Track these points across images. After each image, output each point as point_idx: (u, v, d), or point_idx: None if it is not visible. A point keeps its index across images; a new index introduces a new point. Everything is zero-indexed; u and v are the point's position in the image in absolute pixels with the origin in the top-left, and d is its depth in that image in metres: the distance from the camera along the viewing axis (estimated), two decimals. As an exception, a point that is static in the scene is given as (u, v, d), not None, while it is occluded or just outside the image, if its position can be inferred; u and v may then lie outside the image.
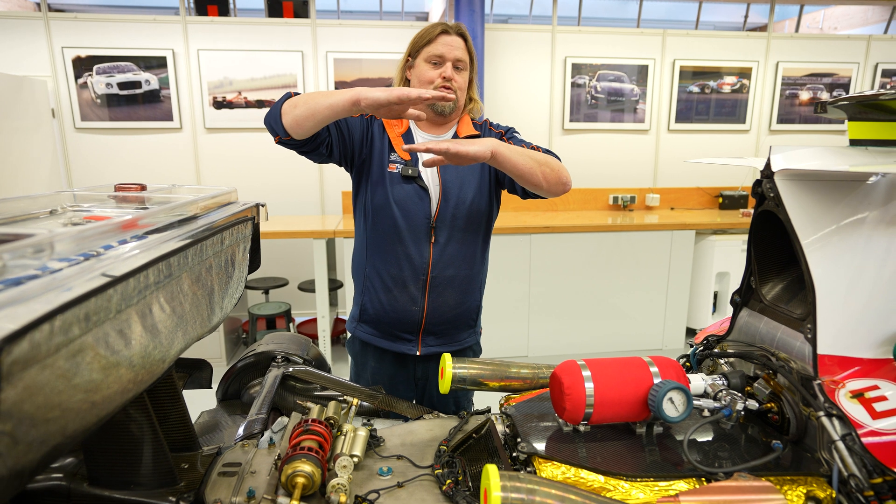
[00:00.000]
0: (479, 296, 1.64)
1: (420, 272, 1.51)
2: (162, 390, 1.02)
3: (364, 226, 1.57)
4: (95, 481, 0.89)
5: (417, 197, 1.49)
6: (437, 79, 1.47)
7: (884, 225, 1.05)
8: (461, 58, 1.48)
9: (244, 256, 1.21)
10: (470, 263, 1.56)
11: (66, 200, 1.08)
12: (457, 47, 1.47)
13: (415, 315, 1.54)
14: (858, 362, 1.02)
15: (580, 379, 1.01)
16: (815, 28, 8.26)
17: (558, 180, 1.36)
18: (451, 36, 1.48)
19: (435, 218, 1.50)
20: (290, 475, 0.88)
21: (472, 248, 1.56)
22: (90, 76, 4.09)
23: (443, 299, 1.54)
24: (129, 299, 0.68)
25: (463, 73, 1.51)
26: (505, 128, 1.61)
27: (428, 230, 1.50)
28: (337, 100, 1.19)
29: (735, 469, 0.91)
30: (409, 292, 1.53)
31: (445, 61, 1.47)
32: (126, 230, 0.81)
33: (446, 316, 1.56)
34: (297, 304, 4.37)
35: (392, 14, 5.01)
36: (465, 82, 1.52)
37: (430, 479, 0.99)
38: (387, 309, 1.55)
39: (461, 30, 1.50)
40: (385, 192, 1.50)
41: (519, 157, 1.28)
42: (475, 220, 1.54)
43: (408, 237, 1.50)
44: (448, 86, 1.47)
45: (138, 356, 0.71)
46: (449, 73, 1.47)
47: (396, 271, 1.52)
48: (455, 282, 1.54)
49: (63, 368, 0.55)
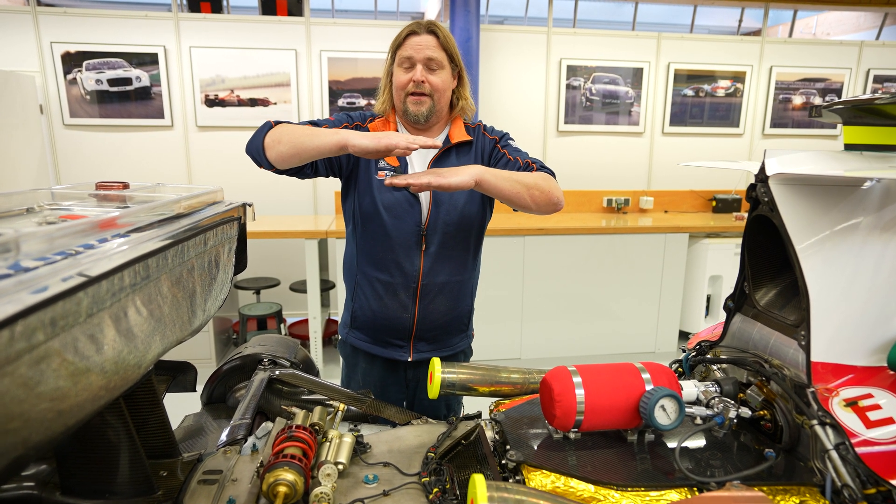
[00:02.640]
0: (470, 300, 1.61)
1: (411, 280, 1.48)
2: (140, 395, 0.99)
3: (354, 233, 1.54)
4: (69, 490, 0.86)
5: (408, 204, 1.45)
6: (407, 84, 1.41)
7: (879, 230, 1.04)
8: (433, 56, 1.39)
9: (229, 257, 1.18)
10: (461, 269, 1.53)
11: (43, 198, 1.05)
12: (426, 46, 1.39)
13: (406, 322, 1.51)
14: (852, 370, 1.00)
15: (571, 385, 0.99)
16: (808, 33, 8.32)
17: (548, 201, 1.34)
18: (419, 36, 1.40)
19: (426, 226, 1.46)
20: (272, 484, 0.86)
21: (463, 255, 1.52)
22: (79, 72, 4.03)
23: (434, 306, 1.51)
24: (101, 302, 0.65)
25: (439, 72, 1.42)
26: (499, 134, 1.56)
27: (418, 238, 1.46)
28: (324, 143, 1.20)
29: (727, 478, 0.90)
30: (400, 299, 1.50)
31: (415, 63, 1.40)
32: (103, 230, 0.78)
33: (438, 322, 1.53)
34: (288, 305, 4.33)
35: (387, 14, 4.99)
36: (442, 82, 1.43)
37: (416, 488, 0.97)
38: (378, 316, 1.52)
39: (432, 27, 1.41)
40: (373, 199, 1.46)
41: (505, 183, 1.27)
42: (467, 226, 1.50)
43: (398, 245, 1.46)
44: (419, 91, 1.41)
45: (111, 362, 0.68)
46: (419, 75, 1.39)
47: (387, 279, 1.49)
48: (446, 288, 1.51)
49: (25, 376, 0.52)
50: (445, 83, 1.44)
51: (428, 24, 1.42)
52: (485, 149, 1.53)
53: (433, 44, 1.40)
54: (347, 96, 4.38)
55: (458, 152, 1.50)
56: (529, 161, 1.47)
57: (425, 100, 1.42)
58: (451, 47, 1.43)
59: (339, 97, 4.37)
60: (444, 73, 1.43)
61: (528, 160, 1.47)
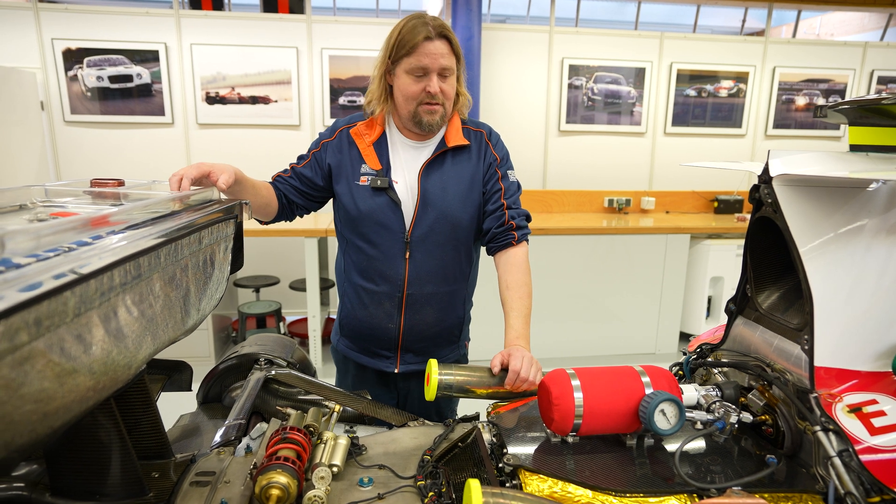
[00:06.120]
0: (462, 311, 1.54)
1: (395, 289, 1.42)
2: (132, 395, 0.97)
3: (340, 239, 1.51)
4: (58, 491, 0.84)
5: (390, 210, 1.39)
6: (420, 94, 1.33)
7: (884, 233, 1.02)
8: (447, 65, 1.32)
9: (225, 256, 1.17)
10: (451, 280, 1.46)
11: (36, 195, 1.03)
12: (441, 55, 1.31)
13: (391, 332, 1.46)
14: (856, 375, 0.99)
15: (569, 389, 0.97)
16: (811, 34, 8.29)
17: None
18: (433, 42, 1.30)
19: (410, 232, 1.39)
20: (265, 486, 0.84)
21: (453, 264, 1.45)
22: (80, 69, 4.02)
23: (420, 317, 1.45)
24: (89, 302, 0.64)
25: (450, 79, 1.36)
26: (503, 153, 1.48)
27: (402, 245, 1.40)
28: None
29: (728, 485, 0.88)
30: (385, 309, 1.44)
31: (429, 73, 1.32)
32: (94, 227, 0.76)
33: (426, 333, 1.47)
34: (287, 303, 4.32)
35: (388, 12, 4.97)
36: (453, 88, 1.37)
37: (412, 491, 0.96)
38: (363, 325, 1.48)
39: (444, 31, 1.32)
40: (355, 206, 1.40)
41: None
42: (458, 234, 1.43)
43: (380, 253, 1.41)
44: (434, 101, 1.34)
45: (100, 363, 0.67)
46: (436, 87, 1.32)
47: (372, 287, 1.44)
48: (434, 299, 1.45)
49: (8, 378, 0.51)
50: (455, 89, 1.39)
51: (439, 27, 1.32)
52: (484, 160, 1.45)
53: (447, 51, 1.32)
54: (348, 94, 4.37)
55: (453, 156, 1.43)
56: (511, 204, 1.45)
57: (438, 108, 1.36)
58: (459, 51, 1.37)
59: (340, 95, 4.35)
60: (454, 78, 1.38)
61: (509, 203, 1.45)
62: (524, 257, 1.46)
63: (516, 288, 1.39)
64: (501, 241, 1.45)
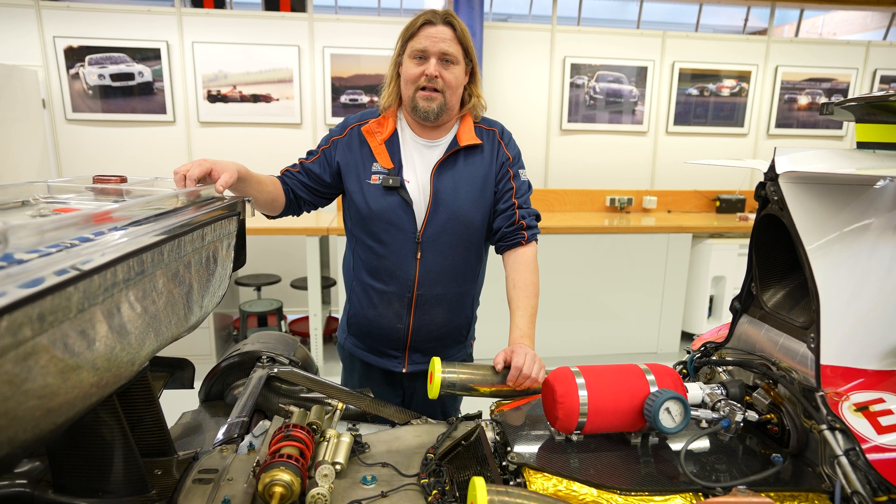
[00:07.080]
0: (470, 312, 1.53)
1: (405, 290, 1.41)
2: (135, 392, 0.97)
3: (350, 237, 1.50)
4: (61, 488, 0.84)
5: (401, 209, 1.37)
6: (419, 77, 1.32)
7: (891, 231, 1.01)
8: (448, 51, 1.30)
9: (228, 253, 1.17)
10: (461, 280, 1.45)
11: (39, 191, 1.03)
12: (442, 39, 1.29)
13: (400, 332, 1.45)
14: (863, 374, 0.98)
15: (574, 387, 0.97)
16: (814, 33, 8.27)
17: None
18: (435, 26, 1.30)
19: (421, 232, 1.38)
20: (268, 484, 0.84)
21: (463, 265, 1.44)
22: (82, 67, 4.02)
23: (429, 317, 1.44)
24: (93, 297, 0.63)
25: (453, 67, 1.33)
26: (515, 152, 1.46)
27: (413, 245, 1.38)
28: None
29: (733, 484, 0.88)
30: (394, 309, 1.43)
31: (429, 56, 1.30)
32: (97, 223, 0.76)
33: (434, 333, 1.46)
34: (289, 302, 4.32)
35: (390, 10, 4.96)
36: (455, 78, 1.34)
37: (415, 489, 0.95)
38: (372, 324, 1.46)
39: (449, 17, 1.31)
40: (366, 204, 1.39)
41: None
42: (470, 234, 1.42)
43: (391, 252, 1.39)
44: (431, 85, 1.32)
45: (103, 359, 0.66)
46: (432, 70, 1.30)
47: (381, 287, 1.43)
48: (444, 300, 1.43)
49: (11, 373, 0.50)
50: (458, 80, 1.36)
51: (445, 13, 1.32)
52: (497, 159, 1.44)
53: (449, 36, 1.31)
54: (350, 93, 4.36)
55: (466, 155, 1.42)
56: (522, 204, 1.44)
57: (436, 96, 1.33)
58: (466, 41, 1.35)
59: (342, 94, 4.35)
60: (458, 68, 1.35)
61: (520, 202, 1.44)
62: (533, 257, 1.44)
63: (523, 287, 1.37)
64: (511, 240, 1.44)
